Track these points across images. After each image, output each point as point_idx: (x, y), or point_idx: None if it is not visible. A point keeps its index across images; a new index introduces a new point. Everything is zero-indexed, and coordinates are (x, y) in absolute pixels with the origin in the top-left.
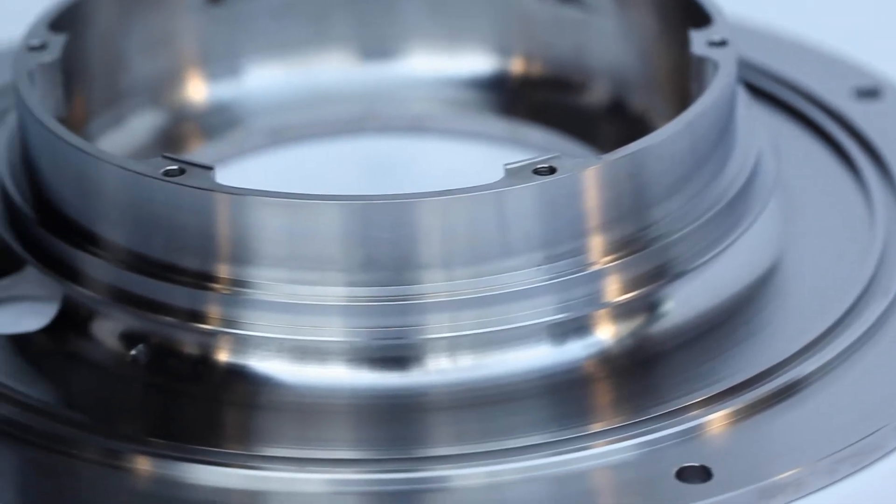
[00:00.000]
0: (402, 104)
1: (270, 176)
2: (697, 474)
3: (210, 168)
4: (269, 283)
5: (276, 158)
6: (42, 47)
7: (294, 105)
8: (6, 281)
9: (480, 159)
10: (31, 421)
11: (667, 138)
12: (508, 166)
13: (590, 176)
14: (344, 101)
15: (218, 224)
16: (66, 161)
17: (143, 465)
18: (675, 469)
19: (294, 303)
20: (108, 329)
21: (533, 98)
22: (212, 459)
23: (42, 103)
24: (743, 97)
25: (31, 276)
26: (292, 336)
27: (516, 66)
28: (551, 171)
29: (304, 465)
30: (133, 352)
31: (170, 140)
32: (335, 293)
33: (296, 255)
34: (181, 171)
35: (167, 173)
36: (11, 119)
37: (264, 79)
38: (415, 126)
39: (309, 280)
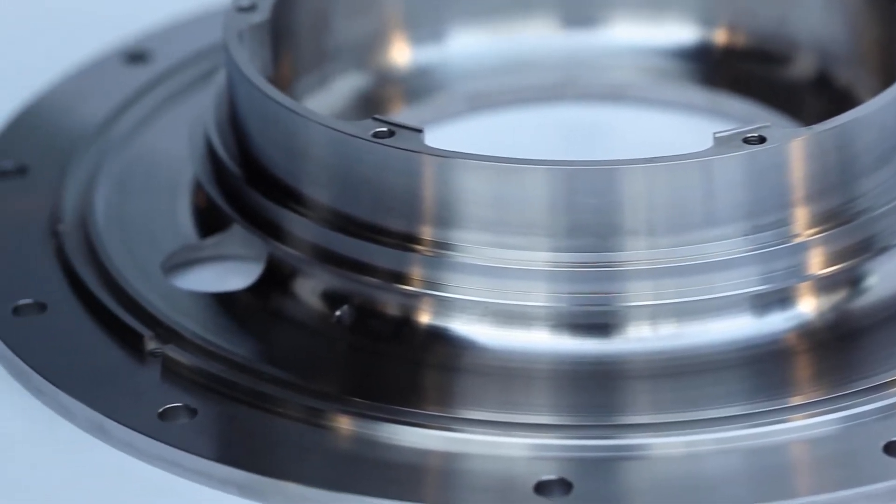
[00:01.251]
0: (602, 72)
1: (469, 141)
2: None
3: (419, 131)
4: (473, 247)
5: (474, 124)
6: (251, 8)
7: (495, 71)
8: (213, 239)
9: (680, 130)
10: (237, 377)
11: (876, 110)
12: (718, 135)
13: (798, 146)
14: (545, 68)
15: (425, 186)
16: (275, 120)
17: (344, 423)
18: (882, 443)
19: (497, 266)
20: (310, 288)
21: (735, 69)
22: (412, 420)
23: (251, 63)
24: None
25: (237, 235)
26: (495, 300)
27: (719, 36)
28: (761, 140)
29: (504, 428)
30: (338, 312)
31: (371, 103)
32: (539, 258)
33: (501, 218)
34: (390, 133)
35: (377, 135)
36: (218, 79)
37: (467, 44)
38: (615, 94)
39: (513, 244)
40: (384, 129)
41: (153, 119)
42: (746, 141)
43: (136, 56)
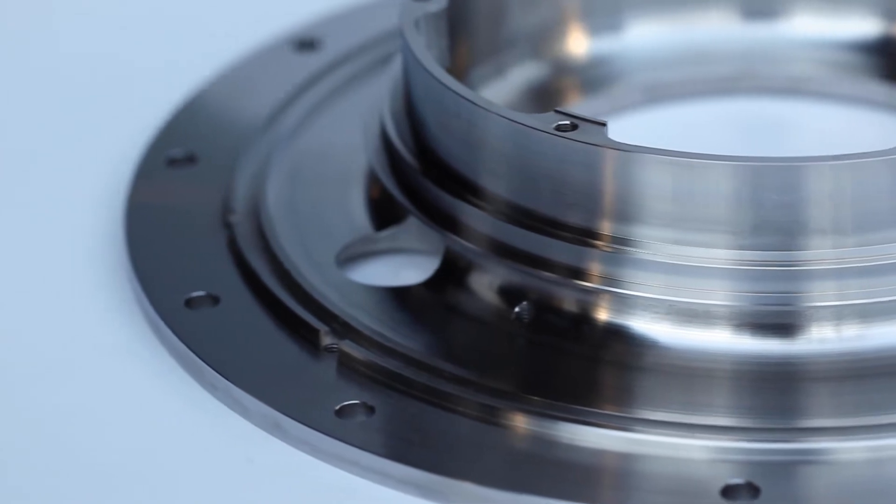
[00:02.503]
0: (781, 65)
1: (644, 134)
2: None
3: (603, 124)
4: (653, 243)
5: (650, 116)
6: None
7: (673, 62)
8: (389, 231)
9: (860, 125)
10: (413, 374)
11: None
12: None
13: None
14: (723, 60)
15: (606, 180)
16: (454, 111)
17: (521, 422)
18: None
19: (678, 264)
20: (485, 282)
21: None
22: (590, 420)
23: (427, 52)
24: None
25: (412, 227)
26: (675, 298)
27: None
28: None
29: (685, 430)
30: (517, 309)
31: (547, 93)
32: (721, 256)
33: (683, 214)
34: (573, 127)
35: (559, 128)
36: (393, 67)
37: (645, 34)
38: (793, 88)
39: (695, 241)
40: (567, 122)
41: (324, 108)
42: None
43: (305, 43)
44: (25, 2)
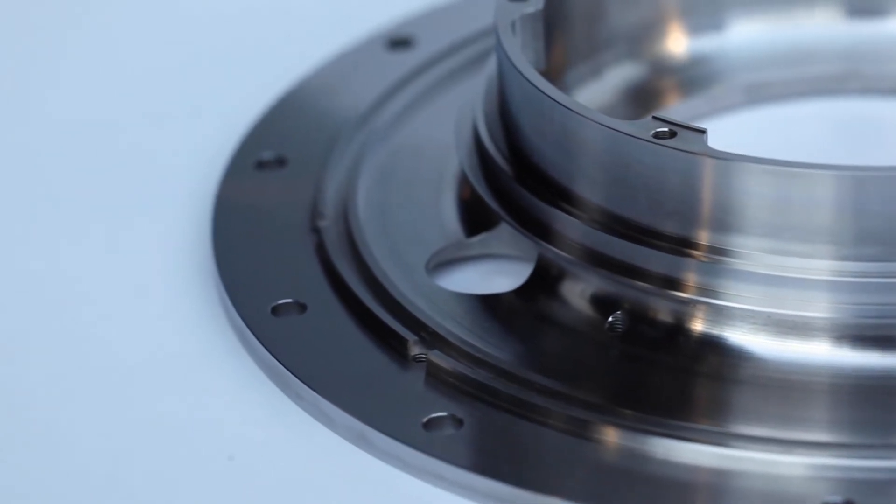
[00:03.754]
0: (888, 64)
1: (746, 135)
2: None
3: (703, 131)
4: (751, 253)
5: (751, 117)
6: None
7: (774, 62)
8: (480, 237)
9: None
10: (501, 385)
11: None
12: None
13: None
14: (827, 60)
15: (704, 189)
16: (549, 117)
17: (611, 436)
18: None
19: (777, 275)
20: (578, 291)
21: None
22: (683, 435)
23: (522, 55)
24: None
25: (504, 234)
26: (773, 309)
27: None
28: None
29: (782, 446)
30: (611, 319)
31: (646, 94)
32: (822, 266)
33: (782, 224)
34: (672, 134)
35: (657, 135)
36: (487, 68)
37: (746, 33)
38: None
39: (794, 252)
40: (665, 129)
41: (417, 108)
42: None
43: (399, 42)
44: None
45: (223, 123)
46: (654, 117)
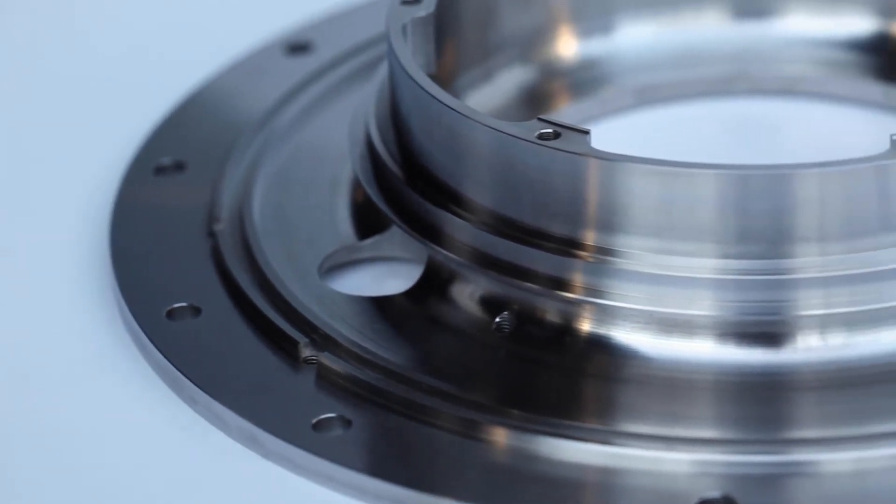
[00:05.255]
0: (775, 65)
1: (636, 137)
2: None
3: (586, 132)
4: (637, 253)
5: (642, 118)
6: (416, 1)
7: (663, 64)
8: (372, 240)
9: (855, 125)
10: (392, 387)
11: None
12: (895, 136)
13: None
14: (714, 61)
15: (589, 190)
16: (438, 120)
17: (500, 436)
18: None
19: (662, 274)
20: (467, 293)
21: None
22: (571, 434)
23: (413, 59)
24: None
25: (395, 237)
26: (659, 308)
27: None
28: None
29: (666, 443)
30: (498, 319)
31: (537, 97)
32: (706, 265)
33: (667, 224)
34: (556, 135)
35: (542, 136)
36: (380, 73)
37: (635, 36)
38: (787, 88)
39: (679, 251)
40: (549, 130)
41: (314, 112)
42: None
43: (297, 47)
44: (19, 8)
45: (123, 129)
46: (539, 119)
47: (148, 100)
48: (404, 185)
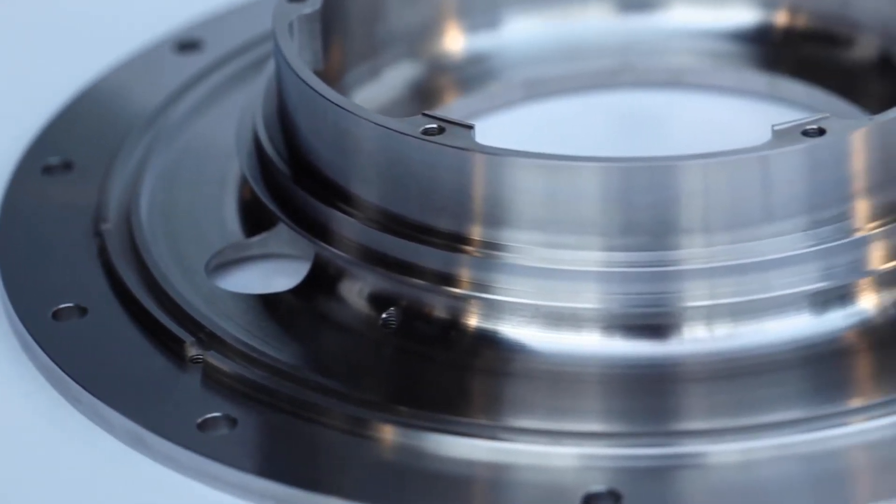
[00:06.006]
0: (660, 57)
1: (524, 130)
2: None
3: (470, 127)
4: (524, 247)
5: (530, 112)
6: None
7: (550, 58)
8: (259, 237)
9: (740, 116)
10: (278, 385)
11: None
12: (776, 127)
13: (859, 138)
14: (601, 54)
15: (474, 184)
16: (324, 117)
17: (388, 433)
18: None
19: (548, 267)
20: (356, 290)
21: (796, 52)
22: (458, 430)
23: (300, 56)
24: None
25: (282, 234)
26: (545, 302)
27: (780, 18)
28: (820, 132)
29: (552, 437)
30: (384, 315)
31: (425, 93)
32: (591, 258)
33: (552, 217)
34: (440, 130)
35: (426, 132)
36: (267, 70)
37: (522, 31)
38: (672, 80)
39: (564, 244)
40: (434, 125)
41: (204, 110)
42: (805, 133)
43: (187, 45)
44: None
45: (10, 129)
46: (424, 114)
47: (36, 99)
48: (291, 182)
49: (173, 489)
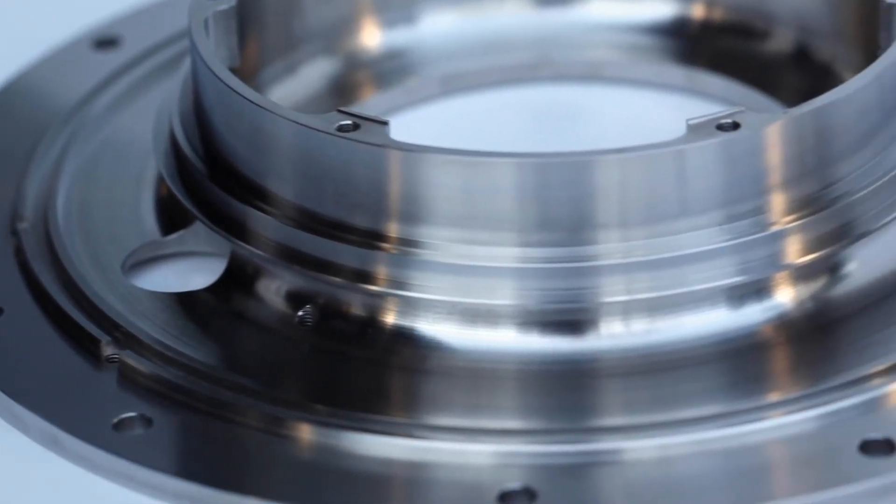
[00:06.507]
0: (578, 51)
1: (442, 126)
2: (882, 448)
3: (385, 123)
4: (440, 243)
5: (448, 107)
6: None
7: (468, 52)
8: (175, 236)
9: (658, 109)
10: (195, 385)
11: (854, 92)
12: (690, 122)
13: (775, 132)
14: (519, 48)
15: (390, 181)
16: (239, 114)
17: (306, 432)
18: (858, 442)
19: (465, 264)
20: (273, 288)
21: (714, 45)
22: (376, 428)
23: (216, 52)
24: None
25: (199, 232)
26: (462, 298)
27: (697, 11)
28: (735, 126)
29: (469, 434)
30: (300, 313)
31: (343, 89)
32: (508, 254)
33: (468, 214)
34: (355, 127)
35: (341, 128)
36: (184, 67)
37: (439, 25)
38: (591, 74)
39: (481, 240)
40: (349, 122)
41: (121, 107)
42: (720, 127)
43: (105, 42)
44: None
45: None
46: (339, 110)
47: None
48: (207, 180)
49: (89, 490)
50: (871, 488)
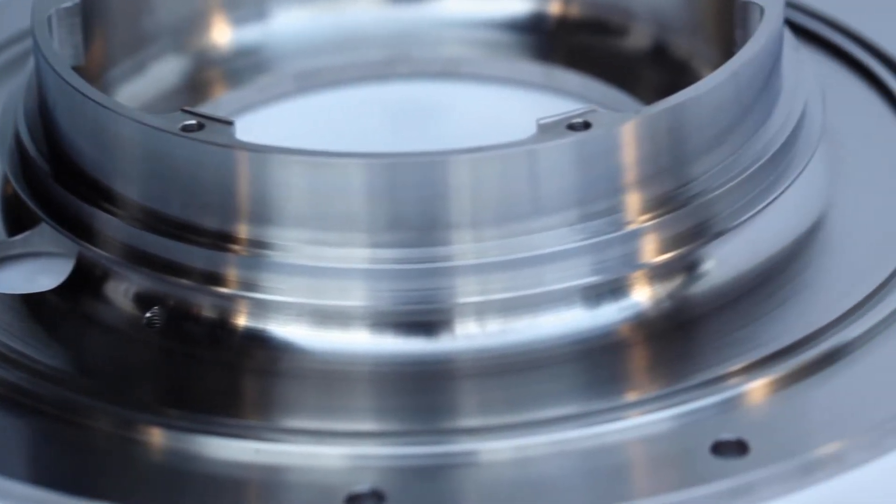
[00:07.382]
0: (434, 47)
1: (297, 123)
2: (733, 449)
3: (230, 123)
4: (291, 245)
5: (302, 104)
6: None
7: (322, 49)
8: (20, 237)
9: (515, 106)
10: (41, 388)
11: (709, 90)
12: (541, 121)
13: (627, 131)
14: (374, 45)
15: (238, 182)
16: (83, 114)
17: (157, 436)
18: (711, 443)
19: (316, 265)
20: (122, 290)
21: (571, 42)
22: (228, 431)
23: (60, 51)
24: (790, 41)
25: (45, 233)
26: (313, 300)
27: (554, 7)
28: (586, 126)
29: (320, 437)
30: (147, 315)
31: (194, 87)
32: (359, 255)
33: (318, 215)
34: (200, 127)
35: (185, 128)
36: (28, 66)
37: (291, 22)
38: (447, 71)
39: (331, 241)
40: (193, 121)
41: None
42: (571, 127)
43: None
44: None
45: None
46: (183, 110)
47: None
48: (52, 180)
49: None
50: (721, 490)
